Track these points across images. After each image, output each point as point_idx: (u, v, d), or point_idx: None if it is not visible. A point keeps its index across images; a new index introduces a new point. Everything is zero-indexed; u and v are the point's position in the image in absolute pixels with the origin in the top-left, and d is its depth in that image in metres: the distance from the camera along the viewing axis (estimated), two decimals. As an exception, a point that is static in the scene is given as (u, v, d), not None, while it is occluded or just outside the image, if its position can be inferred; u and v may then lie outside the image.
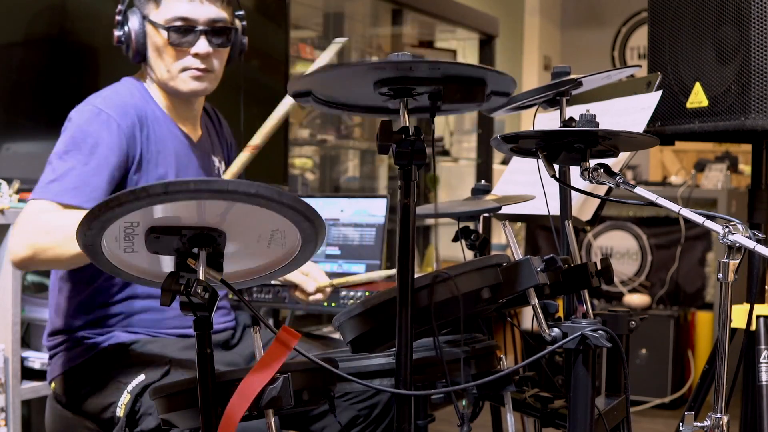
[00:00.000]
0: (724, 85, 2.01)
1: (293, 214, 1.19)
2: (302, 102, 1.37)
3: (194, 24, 1.87)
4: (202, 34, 1.87)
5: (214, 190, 1.14)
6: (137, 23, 1.88)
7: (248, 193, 1.14)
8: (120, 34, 1.90)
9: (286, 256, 1.33)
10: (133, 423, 1.71)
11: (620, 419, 1.74)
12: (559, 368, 1.74)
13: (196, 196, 1.14)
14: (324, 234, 1.26)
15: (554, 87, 1.79)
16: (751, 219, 2.17)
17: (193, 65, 1.89)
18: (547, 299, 1.46)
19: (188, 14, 1.86)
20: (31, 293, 2.49)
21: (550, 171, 1.47)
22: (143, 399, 1.72)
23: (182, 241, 1.21)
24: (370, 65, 1.19)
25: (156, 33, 1.87)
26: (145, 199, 1.12)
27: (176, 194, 1.13)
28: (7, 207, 2.19)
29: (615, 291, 4.51)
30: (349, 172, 4.66)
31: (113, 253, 1.26)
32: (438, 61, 1.22)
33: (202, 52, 1.88)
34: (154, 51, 1.89)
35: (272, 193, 1.15)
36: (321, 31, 4.29)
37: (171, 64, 1.88)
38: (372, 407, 1.85)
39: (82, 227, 1.17)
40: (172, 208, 1.18)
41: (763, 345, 2.00)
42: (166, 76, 1.90)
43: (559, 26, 7.05)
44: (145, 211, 1.17)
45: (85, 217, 1.15)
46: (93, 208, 1.14)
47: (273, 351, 1.25)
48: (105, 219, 1.15)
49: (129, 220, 1.18)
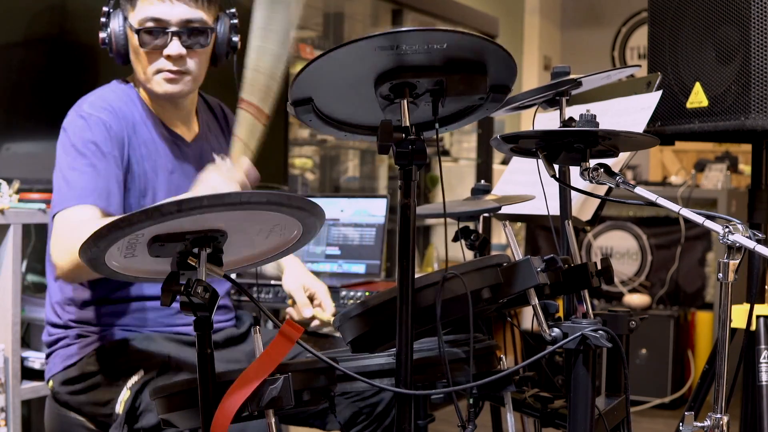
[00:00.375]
0: (724, 85, 2.01)
1: (299, 213, 1.21)
2: (303, 116, 1.35)
3: (165, 25, 1.82)
4: (174, 36, 1.82)
5: (227, 204, 1.14)
6: (118, 25, 1.86)
7: (260, 202, 1.15)
8: (104, 36, 1.88)
9: (283, 244, 1.35)
10: (132, 419, 1.71)
11: (620, 419, 1.74)
12: (559, 368, 1.74)
13: (209, 210, 1.14)
14: (323, 220, 1.28)
15: (554, 87, 1.79)
16: (751, 219, 2.17)
17: (165, 67, 1.85)
18: (547, 299, 1.46)
19: (160, 15, 1.81)
20: (31, 293, 2.49)
21: (550, 171, 1.47)
22: (143, 396, 1.72)
23: (185, 245, 1.21)
24: (366, 37, 1.18)
25: (132, 35, 1.85)
26: (157, 219, 1.12)
27: (190, 211, 1.12)
28: (7, 207, 2.19)
29: (615, 291, 4.51)
30: (349, 172, 4.65)
31: (113, 261, 1.27)
32: (435, 29, 1.20)
33: (174, 54, 1.83)
34: (133, 53, 1.87)
35: (282, 199, 1.16)
36: (321, 31, 4.29)
37: (146, 66, 1.86)
38: (374, 405, 1.85)
39: (88, 245, 1.16)
40: (178, 220, 1.18)
41: (763, 345, 2.00)
42: (143, 78, 1.88)
43: (559, 26, 7.05)
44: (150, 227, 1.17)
45: (92, 236, 1.15)
46: (101, 228, 1.13)
47: (276, 345, 1.24)
48: (113, 238, 1.15)
49: (135, 234, 1.18)
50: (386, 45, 1.20)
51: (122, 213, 1.78)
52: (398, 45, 1.20)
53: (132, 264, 1.30)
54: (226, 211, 1.16)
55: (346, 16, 4.36)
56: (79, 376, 1.83)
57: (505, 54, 1.26)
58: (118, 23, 1.86)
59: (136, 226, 1.13)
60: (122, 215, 1.15)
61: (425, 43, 1.21)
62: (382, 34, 1.18)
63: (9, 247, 2.19)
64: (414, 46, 1.21)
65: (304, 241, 1.33)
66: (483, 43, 1.24)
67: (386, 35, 1.18)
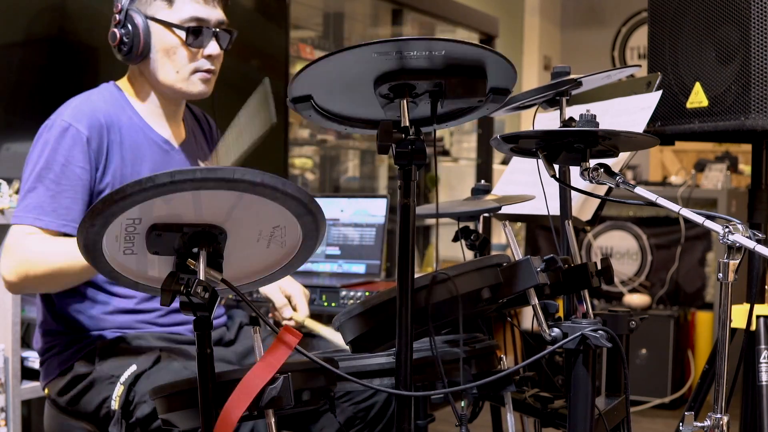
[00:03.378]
0: (724, 85, 2.01)
1: (296, 206, 1.19)
2: (303, 111, 1.35)
3: (207, 25, 1.86)
4: (212, 36, 1.87)
5: (220, 179, 1.14)
6: (142, 22, 1.85)
7: (254, 182, 1.14)
8: (123, 33, 1.85)
9: (285, 256, 1.33)
10: (128, 413, 1.71)
11: (620, 419, 1.74)
12: (559, 368, 1.74)
13: (201, 185, 1.13)
14: (324, 231, 1.26)
15: (554, 87, 1.79)
16: (751, 219, 2.17)
17: (203, 67, 1.88)
18: (547, 299, 1.46)
19: (202, 15, 1.85)
20: (31, 293, 2.49)
21: (550, 171, 1.47)
22: (137, 388, 1.71)
23: (183, 240, 1.21)
24: (370, 44, 1.18)
25: (169, 33, 1.85)
26: (151, 190, 1.11)
27: (182, 183, 1.12)
28: (7, 207, 2.20)
29: (615, 291, 4.51)
30: (349, 172, 4.66)
31: (113, 256, 1.26)
32: (437, 39, 1.20)
33: (215, 54, 1.88)
34: (162, 52, 1.86)
35: (276, 182, 1.15)
36: (321, 31, 4.29)
37: (183, 65, 1.86)
38: (369, 408, 1.85)
39: (85, 224, 1.15)
40: (174, 204, 1.18)
41: (763, 345, 2.00)
42: (173, 78, 1.88)
43: (559, 26, 7.05)
44: (147, 208, 1.17)
45: (88, 212, 1.14)
46: (97, 202, 1.13)
47: (274, 350, 1.25)
48: (109, 213, 1.14)
49: (131, 216, 1.17)
50: (386, 51, 1.21)
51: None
52: (398, 51, 1.20)
53: (130, 263, 1.29)
54: (220, 189, 1.15)
55: (346, 16, 4.36)
56: (73, 380, 1.82)
57: (505, 61, 1.27)
58: (142, 20, 1.84)
59: (131, 198, 1.12)
60: (117, 188, 1.14)
61: (425, 50, 1.21)
62: (382, 42, 1.19)
63: (9, 247, 2.19)
64: (414, 52, 1.21)
65: (305, 249, 1.30)
66: (483, 51, 1.24)
67: (386, 43, 1.19)
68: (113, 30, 1.86)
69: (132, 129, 1.88)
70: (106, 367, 1.79)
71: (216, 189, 1.16)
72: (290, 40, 3.42)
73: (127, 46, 1.86)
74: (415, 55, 1.21)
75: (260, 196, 1.17)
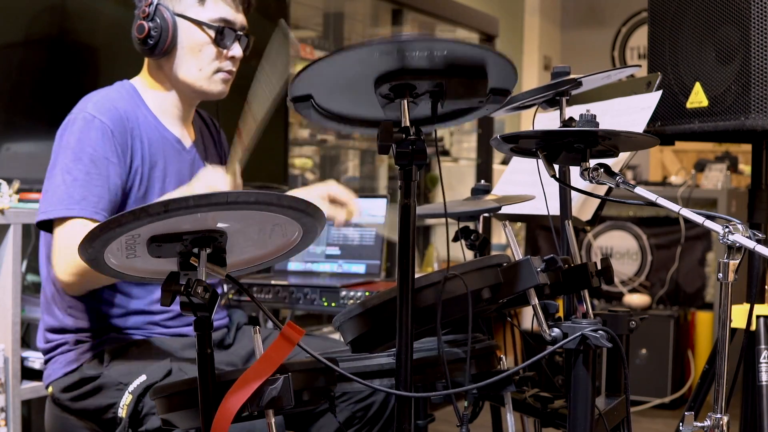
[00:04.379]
0: (724, 85, 2.01)
1: (294, 213, 1.20)
2: (303, 111, 1.35)
3: (234, 27, 1.90)
4: (236, 39, 1.91)
5: (214, 204, 1.14)
6: (171, 17, 1.85)
7: (248, 201, 1.14)
8: (152, 26, 1.85)
9: (287, 245, 1.35)
10: (136, 423, 1.71)
11: (620, 419, 1.74)
12: (559, 368, 1.74)
13: (195, 210, 1.14)
14: (323, 222, 1.28)
15: (554, 87, 1.79)
16: (751, 219, 2.17)
17: (226, 68, 1.91)
18: (547, 299, 1.46)
19: (230, 17, 1.89)
20: (31, 293, 2.49)
21: (550, 171, 1.47)
22: (146, 399, 1.71)
23: (184, 245, 1.21)
24: (371, 42, 1.18)
25: (199, 31, 1.87)
26: (145, 219, 1.13)
27: (176, 212, 1.13)
28: (7, 207, 2.19)
29: (615, 291, 4.51)
30: (349, 172, 4.65)
31: (117, 262, 1.27)
32: (438, 39, 1.21)
33: (238, 56, 1.92)
34: (188, 48, 1.88)
35: (272, 199, 1.16)
36: (321, 31, 4.29)
37: (207, 63, 1.89)
38: (367, 408, 1.85)
39: (84, 245, 1.17)
40: (172, 222, 1.18)
41: (763, 345, 2.00)
42: (195, 75, 1.89)
43: (559, 26, 7.05)
44: (144, 228, 1.17)
45: (85, 237, 1.16)
46: (93, 229, 1.15)
47: (276, 346, 1.24)
48: (106, 238, 1.16)
49: (130, 233, 1.18)
50: (387, 51, 1.21)
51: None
52: (399, 51, 1.21)
53: (135, 264, 1.29)
54: (215, 211, 1.16)
55: (346, 16, 4.36)
56: (80, 381, 1.82)
57: (507, 62, 1.27)
58: (170, 15, 1.86)
59: (126, 226, 1.13)
60: (111, 217, 1.16)
61: (426, 50, 1.21)
62: (383, 42, 1.19)
63: (9, 247, 2.20)
64: (415, 52, 1.21)
65: (307, 239, 1.32)
66: (484, 52, 1.24)
67: (387, 44, 1.19)
68: (141, 22, 1.86)
69: (148, 127, 1.89)
70: (115, 372, 1.78)
71: (210, 212, 1.16)
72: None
73: (154, 40, 1.86)
74: (415, 55, 1.22)
75: (256, 210, 1.17)
